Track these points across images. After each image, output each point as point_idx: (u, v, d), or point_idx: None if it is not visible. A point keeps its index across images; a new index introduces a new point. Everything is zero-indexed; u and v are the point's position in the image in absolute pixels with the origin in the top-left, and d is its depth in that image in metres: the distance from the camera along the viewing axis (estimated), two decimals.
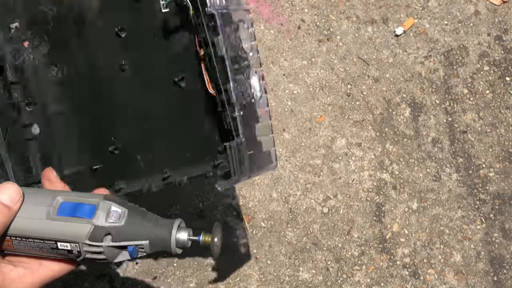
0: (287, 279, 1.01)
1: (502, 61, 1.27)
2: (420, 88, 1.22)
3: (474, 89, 1.24)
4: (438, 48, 1.26)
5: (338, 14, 1.23)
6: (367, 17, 1.24)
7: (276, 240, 1.03)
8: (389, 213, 1.10)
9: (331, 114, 1.15)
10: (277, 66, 1.16)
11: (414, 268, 1.07)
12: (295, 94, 1.14)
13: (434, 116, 1.20)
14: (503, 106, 1.24)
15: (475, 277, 1.09)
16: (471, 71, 1.25)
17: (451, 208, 1.13)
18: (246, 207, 1.04)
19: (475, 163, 1.18)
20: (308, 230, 1.06)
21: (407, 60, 1.23)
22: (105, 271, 0.94)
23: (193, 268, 0.98)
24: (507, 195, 1.17)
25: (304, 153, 1.11)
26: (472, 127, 1.21)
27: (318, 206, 1.08)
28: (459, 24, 1.29)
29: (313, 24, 1.21)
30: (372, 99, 1.18)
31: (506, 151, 1.20)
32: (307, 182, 1.09)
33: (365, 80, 1.19)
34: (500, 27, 1.30)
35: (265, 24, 1.18)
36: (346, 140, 1.14)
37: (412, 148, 1.16)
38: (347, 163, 1.12)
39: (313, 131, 1.13)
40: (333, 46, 1.20)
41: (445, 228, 1.12)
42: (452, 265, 1.09)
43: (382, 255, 1.07)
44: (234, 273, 1.00)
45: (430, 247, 1.09)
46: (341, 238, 1.06)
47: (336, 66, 1.19)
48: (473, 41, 1.28)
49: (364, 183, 1.11)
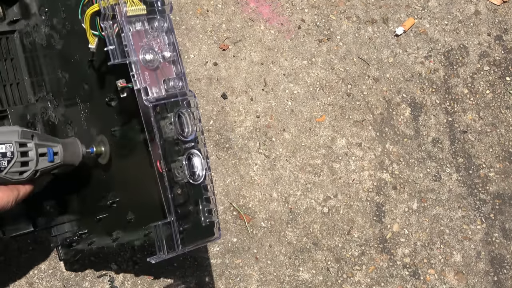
0: (287, 279, 1.01)
1: (502, 61, 1.27)
2: (420, 88, 1.22)
3: (474, 89, 1.24)
4: (438, 48, 1.26)
5: (338, 14, 1.23)
6: (367, 17, 1.24)
7: (276, 240, 1.03)
8: (389, 213, 1.10)
9: (331, 114, 1.15)
10: (277, 66, 1.16)
11: (414, 268, 1.07)
12: (295, 94, 1.14)
13: (434, 116, 1.20)
14: (503, 106, 1.24)
15: (475, 277, 1.09)
16: (471, 71, 1.25)
17: (451, 208, 1.13)
18: (246, 207, 1.04)
19: (475, 163, 1.18)
20: (308, 230, 1.06)
21: (407, 60, 1.23)
22: (105, 271, 0.94)
23: (193, 268, 0.98)
24: (507, 195, 1.17)
25: (304, 153, 1.11)
26: (472, 127, 1.21)
27: (318, 206, 1.08)
28: (459, 24, 1.29)
29: (313, 24, 1.21)
30: (372, 99, 1.18)
31: (506, 151, 1.20)
32: (307, 182, 1.09)
33: (365, 80, 1.19)
34: (500, 27, 1.30)
35: (265, 24, 1.18)
36: (346, 140, 1.14)
37: (412, 148, 1.16)
38: (347, 163, 1.12)
39: (313, 131, 1.13)
40: (333, 46, 1.20)
41: (445, 228, 1.12)
42: (452, 265, 1.09)
43: (382, 255, 1.07)
44: (234, 273, 0.99)
45: (430, 247, 1.09)
46: (341, 238, 1.06)
47: (336, 66, 1.19)
48: (473, 41, 1.28)
49: (364, 183, 1.11)
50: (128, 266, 0.96)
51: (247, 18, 1.17)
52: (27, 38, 0.82)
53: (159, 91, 0.61)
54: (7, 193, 0.64)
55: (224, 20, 1.16)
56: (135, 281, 0.95)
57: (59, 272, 0.92)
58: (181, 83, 0.62)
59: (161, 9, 0.61)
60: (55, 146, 0.68)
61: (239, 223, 1.03)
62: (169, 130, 0.61)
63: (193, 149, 0.63)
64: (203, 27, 1.14)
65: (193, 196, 0.65)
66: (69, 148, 0.70)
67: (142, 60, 0.60)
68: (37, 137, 0.65)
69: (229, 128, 1.09)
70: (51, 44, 0.77)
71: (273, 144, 1.10)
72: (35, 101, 0.84)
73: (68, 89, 0.77)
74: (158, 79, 0.61)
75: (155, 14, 0.61)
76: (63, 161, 0.68)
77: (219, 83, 1.11)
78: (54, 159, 0.67)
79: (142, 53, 0.60)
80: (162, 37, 0.62)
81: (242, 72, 1.13)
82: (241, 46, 1.15)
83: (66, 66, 0.76)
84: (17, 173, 0.64)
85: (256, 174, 1.07)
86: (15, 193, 0.65)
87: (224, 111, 1.10)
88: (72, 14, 0.71)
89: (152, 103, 0.59)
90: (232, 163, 1.06)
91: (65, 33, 0.74)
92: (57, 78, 0.78)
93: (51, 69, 0.79)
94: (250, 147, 1.08)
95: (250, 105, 1.11)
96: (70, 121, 0.79)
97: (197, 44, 1.13)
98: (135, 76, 0.59)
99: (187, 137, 0.62)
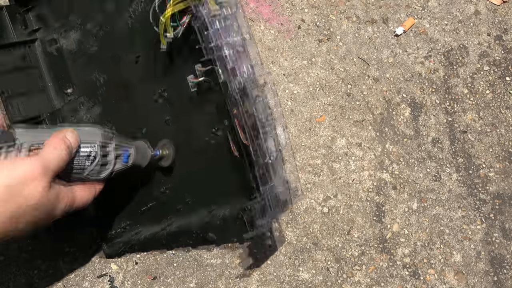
0: (287, 279, 1.01)
1: (502, 61, 1.27)
2: (420, 88, 1.22)
3: (474, 89, 1.24)
4: (438, 48, 1.26)
5: (338, 14, 1.23)
6: (367, 17, 1.24)
7: (276, 240, 1.03)
8: (389, 213, 1.10)
9: (331, 114, 1.15)
10: (277, 66, 1.16)
11: (414, 268, 1.07)
12: (295, 94, 1.14)
13: (434, 116, 1.20)
14: (503, 106, 1.24)
15: (475, 277, 1.09)
16: (471, 71, 1.25)
17: (451, 208, 1.13)
18: None
19: (475, 163, 1.18)
20: (308, 230, 1.06)
21: (407, 60, 1.23)
22: (105, 271, 0.94)
23: (193, 268, 0.98)
24: (507, 195, 1.17)
25: (304, 153, 1.11)
26: (472, 127, 1.21)
27: (318, 206, 1.08)
28: (459, 24, 1.29)
29: (313, 24, 1.21)
30: (372, 99, 1.18)
31: (506, 151, 1.20)
32: (307, 182, 1.09)
33: (365, 80, 1.19)
34: (500, 27, 1.30)
35: (265, 24, 1.18)
36: (346, 140, 1.14)
37: (412, 148, 1.16)
38: (347, 163, 1.12)
39: (313, 131, 1.13)
40: (333, 46, 1.20)
41: (445, 228, 1.12)
42: (452, 265, 1.09)
43: (382, 255, 1.07)
44: (234, 273, 1.00)
45: (430, 247, 1.10)
46: (341, 238, 1.06)
47: (336, 66, 1.19)
48: (473, 41, 1.28)
49: (364, 183, 1.11)
50: (128, 266, 0.96)
51: (247, 18, 1.17)
52: (52, 46, 0.85)
53: (245, 71, 0.66)
54: (88, 191, 0.67)
55: None
56: (135, 281, 0.95)
57: (59, 272, 0.93)
58: (252, 70, 0.67)
59: (231, 6, 0.67)
60: (130, 148, 0.70)
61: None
62: (252, 111, 0.65)
63: (267, 131, 0.68)
64: None
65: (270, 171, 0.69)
66: (140, 151, 0.72)
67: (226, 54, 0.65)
68: (115, 139, 0.68)
69: None
70: (82, 48, 0.80)
71: None
72: (61, 106, 0.86)
73: (105, 90, 0.80)
74: (239, 66, 0.66)
75: (225, 13, 0.66)
76: (134, 163, 0.71)
77: None
78: (128, 161, 0.69)
79: (225, 48, 0.65)
80: (232, 34, 0.67)
81: None
82: None
83: (103, 67, 0.79)
84: (96, 173, 0.66)
85: None
86: (93, 191, 0.68)
87: None
88: (109, 16, 0.75)
89: (239, 85, 0.64)
90: None
91: (103, 35, 0.77)
92: (91, 80, 0.80)
93: (84, 72, 0.82)
94: None
95: None
96: (108, 120, 0.81)
97: None
98: (228, 57, 0.64)
99: (266, 120, 0.67)
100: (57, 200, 0.62)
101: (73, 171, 0.64)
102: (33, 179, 0.58)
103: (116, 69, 0.78)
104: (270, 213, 0.69)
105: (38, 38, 0.86)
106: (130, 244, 0.88)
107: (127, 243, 0.88)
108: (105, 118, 0.82)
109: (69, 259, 0.94)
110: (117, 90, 0.79)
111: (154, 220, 0.84)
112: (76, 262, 0.93)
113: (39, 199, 0.58)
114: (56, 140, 0.61)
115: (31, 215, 0.59)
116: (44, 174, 0.58)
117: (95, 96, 0.82)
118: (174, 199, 0.80)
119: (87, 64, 0.81)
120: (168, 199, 0.81)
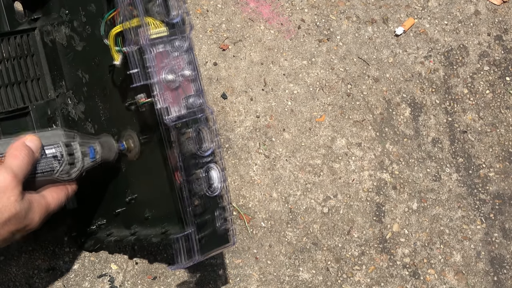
0: (287, 279, 1.01)
1: (502, 61, 1.27)
2: (420, 88, 1.22)
3: (474, 89, 1.24)
4: (438, 48, 1.26)
5: (338, 14, 1.23)
6: (367, 17, 1.24)
7: (276, 240, 1.03)
8: (389, 213, 1.10)
9: (331, 114, 1.15)
10: (277, 66, 1.16)
11: (414, 268, 1.07)
12: (295, 94, 1.14)
13: (434, 116, 1.20)
14: (503, 106, 1.24)
15: (475, 277, 1.09)
16: (471, 71, 1.25)
17: (451, 208, 1.13)
18: (246, 207, 1.04)
19: (475, 163, 1.18)
20: (308, 230, 1.06)
21: (407, 60, 1.23)
22: (105, 271, 0.94)
23: (193, 268, 0.98)
24: (507, 195, 1.17)
25: (304, 153, 1.11)
26: (472, 127, 1.21)
27: (318, 206, 1.08)
28: (459, 24, 1.29)
29: (313, 24, 1.21)
30: (372, 99, 1.18)
31: (506, 151, 1.20)
32: (307, 182, 1.09)
33: (365, 80, 1.19)
34: (500, 27, 1.30)
35: (265, 24, 1.18)
36: (346, 140, 1.14)
37: (412, 148, 1.16)
38: (347, 163, 1.12)
39: (313, 131, 1.13)
40: (333, 46, 1.20)
41: (445, 228, 1.12)
42: (452, 265, 1.09)
43: (382, 255, 1.07)
44: (234, 273, 1.00)
45: (430, 247, 1.10)
46: (341, 238, 1.06)
47: (336, 66, 1.19)
48: (473, 41, 1.28)
49: (364, 183, 1.11)
50: (128, 266, 0.96)
51: (247, 18, 1.17)
52: (48, 37, 0.84)
53: (180, 109, 0.63)
54: (60, 192, 0.67)
55: (224, 20, 1.16)
56: (135, 281, 0.95)
57: (59, 272, 0.93)
58: (200, 100, 0.65)
59: (181, 29, 0.63)
60: (94, 144, 0.70)
61: (239, 223, 1.03)
62: (188, 145, 0.64)
63: (210, 163, 0.67)
64: (203, 27, 1.14)
65: (210, 206, 0.69)
66: (105, 145, 0.72)
67: (164, 80, 0.62)
68: (78, 137, 0.68)
69: (229, 128, 1.09)
70: (72, 44, 0.79)
71: (273, 144, 1.10)
72: (55, 96, 0.86)
73: (88, 89, 0.79)
74: (179, 97, 0.64)
75: (175, 34, 0.63)
76: (102, 158, 0.71)
77: (219, 83, 1.11)
78: (95, 156, 0.69)
79: (163, 74, 0.62)
80: (182, 56, 0.64)
81: (242, 72, 1.13)
82: (241, 46, 1.15)
83: (86, 67, 0.78)
84: (66, 174, 0.66)
85: (256, 174, 1.07)
86: (65, 191, 0.68)
87: (224, 111, 1.10)
88: (92, 20, 0.73)
89: (173, 122, 0.62)
90: (232, 163, 1.07)
91: (86, 36, 0.76)
92: (78, 77, 0.80)
93: (72, 68, 0.81)
94: (250, 147, 1.09)
95: (250, 105, 1.11)
96: (90, 118, 0.81)
97: (197, 44, 1.13)
98: (157, 96, 0.61)
99: (205, 151, 0.66)
100: (31, 210, 0.60)
101: (43, 173, 0.64)
102: (4, 190, 0.56)
103: (95, 72, 0.77)
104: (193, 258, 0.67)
105: (37, 27, 0.86)
106: (103, 242, 0.87)
107: (101, 241, 0.87)
108: (88, 117, 0.82)
109: (69, 259, 0.94)
110: (96, 92, 0.79)
111: (123, 224, 0.83)
112: (76, 262, 0.93)
113: (13, 212, 0.57)
114: (16, 147, 0.60)
115: (6, 230, 0.57)
116: (15, 184, 0.57)
117: (80, 93, 0.81)
118: (136, 211, 0.80)
119: (74, 61, 0.81)
120: (132, 209, 0.81)
